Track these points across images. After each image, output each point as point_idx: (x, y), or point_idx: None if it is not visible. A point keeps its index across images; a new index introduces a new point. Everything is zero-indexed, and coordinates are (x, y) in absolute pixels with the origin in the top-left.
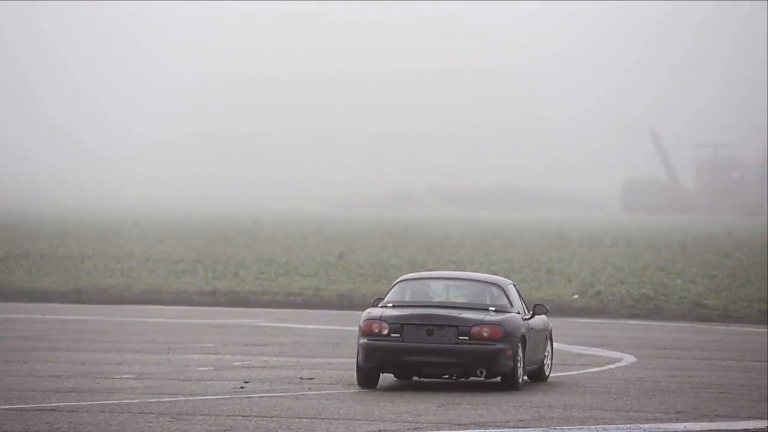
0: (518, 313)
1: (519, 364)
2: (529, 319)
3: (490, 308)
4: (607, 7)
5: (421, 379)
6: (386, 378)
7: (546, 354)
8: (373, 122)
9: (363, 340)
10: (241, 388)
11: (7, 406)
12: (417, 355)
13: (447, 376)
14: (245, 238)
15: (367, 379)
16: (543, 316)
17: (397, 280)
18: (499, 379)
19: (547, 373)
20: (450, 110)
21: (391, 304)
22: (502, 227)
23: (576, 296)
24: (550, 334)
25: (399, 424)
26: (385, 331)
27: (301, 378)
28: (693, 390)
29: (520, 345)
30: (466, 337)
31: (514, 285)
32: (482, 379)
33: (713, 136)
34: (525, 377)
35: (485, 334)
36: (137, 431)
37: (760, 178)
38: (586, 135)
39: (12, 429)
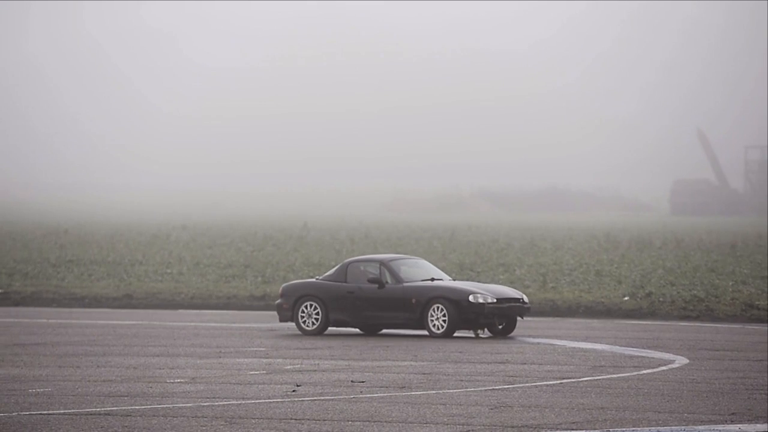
0: None
1: None
2: None
3: None
4: (651, 8)
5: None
6: (439, 380)
7: None
8: (420, 126)
9: None
10: (293, 391)
11: (62, 411)
12: None
13: None
14: (293, 242)
15: None
16: None
17: None
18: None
19: None
20: (498, 113)
21: None
22: (550, 229)
23: (626, 298)
24: None
25: (451, 427)
26: None
27: (352, 381)
28: (747, 391)
29: None
30: None
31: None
32: None
33: (762, 137)
34: None
35: None
36: None
37: None
38: (635, 137)
39: None
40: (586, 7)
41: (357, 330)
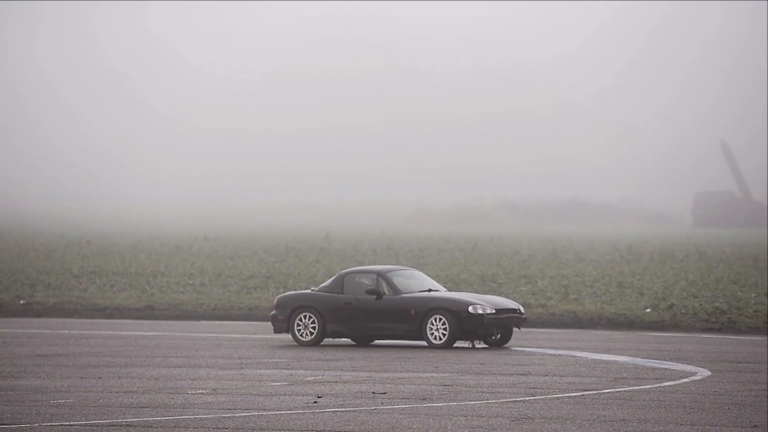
0: None
1: None
2: None
3: None
4: (674, 20)
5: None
6: (460, 392)
7: None
8: (443, 139)
9: None
10: (315, 402)
11: (83, 422)
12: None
13: None
14: (315, 253)
15: None
16: None
17: None
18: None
19: None
20: (519, 125)
21: None
22: (572, 241)
23: (648, 310)
24: None
25: None
26: None
27: (373, 392)
28: None
29: None
30: None
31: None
32: None
33: None
34: None
35: None
36: None
37: None
38: (657, 150)
39: None
40: (609, 21)
41: (376, 341)
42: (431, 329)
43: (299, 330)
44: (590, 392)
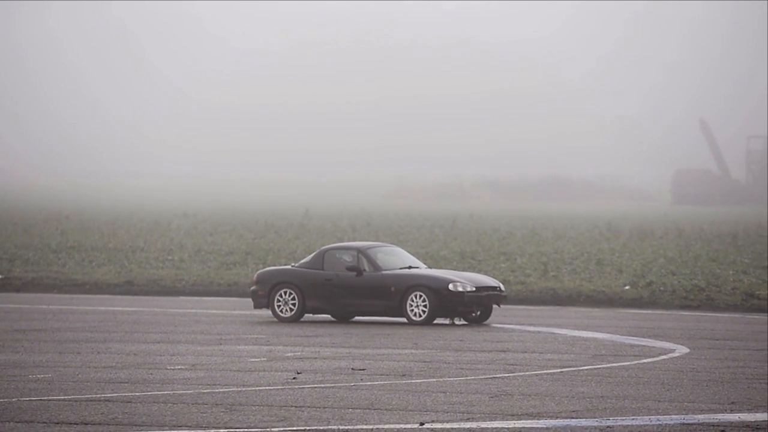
0: None
1: None
2: None
3: None
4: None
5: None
6: (439, 368)
7: None
8: (422, 116)
9: None
10: (294, 378)
11: (62, 397)
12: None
13: None
14: (295, 229)
15: None
16: None
17: None
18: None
19: None
20: (500, 104)
21: None
22: (552, 218)
23: (627, 287)
24: None
25: (451, 415)
26: None
27: (353, 369)
28: (747, 381)
29: None
30: None
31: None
32: None
33: (764, 127)
34: None
35: None
36: (191, 422)
37: None
38: (636, 126)
39: (67, 419)
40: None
41: (356, 317)
42: (411, 306)
43: (279, 306)
44: (569, 369)
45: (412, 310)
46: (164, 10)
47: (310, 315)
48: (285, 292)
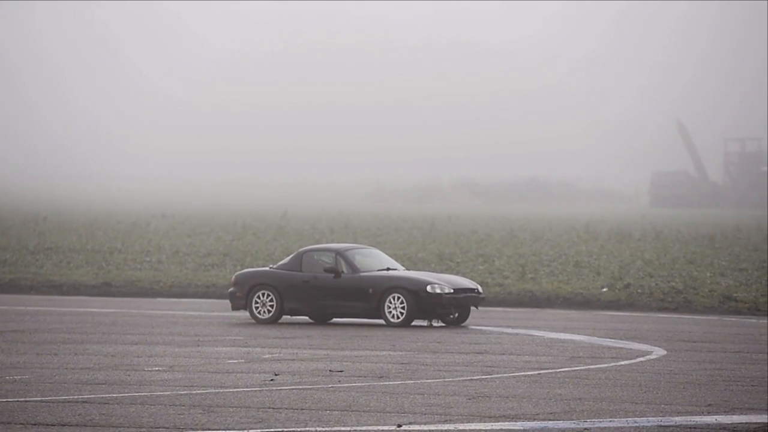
0: None
1: None
2: None
3: None
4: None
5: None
6: (417, 370)
7: None
8: (402, 118)
9: None
10: (271, 380)
11: (39, 398)
12: None
13: None
14: (273, 231)
15: None
16: None
17: None
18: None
19: None
20: (479, 107)
21: None
22: (530, 220)
23: (605, 289)
24: None
25: (429, 417)
26: None
27: (330, 370)
28: (724, 383)
29: None
30: None
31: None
32: None
33: (741, 129)
34: None
35: None
36: (169, 423)
37: None
38: (616, 129)
39: (44, 421)
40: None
41: (333, 319)
42: (389, 308)
43: (257, 307)
44: (546, 371)
45: (390, 312)
46: (145, 12)
47: (288, 317)
48: (263, 294)
